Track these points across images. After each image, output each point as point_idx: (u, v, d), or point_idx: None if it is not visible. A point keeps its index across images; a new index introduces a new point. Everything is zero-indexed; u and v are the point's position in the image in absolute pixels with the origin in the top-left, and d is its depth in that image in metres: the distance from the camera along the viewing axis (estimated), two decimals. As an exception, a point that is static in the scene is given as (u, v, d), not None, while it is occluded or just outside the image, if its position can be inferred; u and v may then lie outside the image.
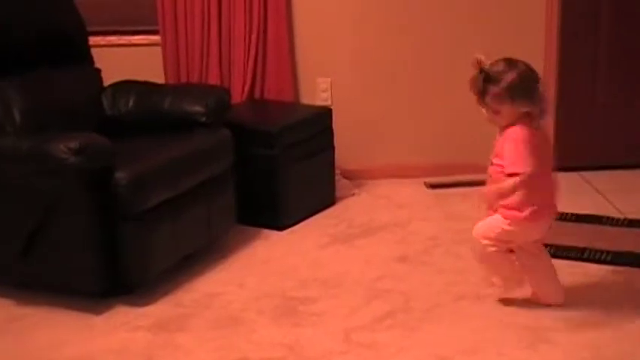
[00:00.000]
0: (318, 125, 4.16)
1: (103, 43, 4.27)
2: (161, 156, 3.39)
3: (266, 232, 3.88)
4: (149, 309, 3.20)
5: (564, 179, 4.53)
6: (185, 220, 3.43)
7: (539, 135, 2.93)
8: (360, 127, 4.50)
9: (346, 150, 4.35)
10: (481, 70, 2.89)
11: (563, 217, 3.95)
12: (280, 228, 3.91)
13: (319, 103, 4.43)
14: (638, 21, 4.54)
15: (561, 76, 4.54)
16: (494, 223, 2.97)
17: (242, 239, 3.78)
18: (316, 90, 4.48)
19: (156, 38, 4.34)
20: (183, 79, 4.32)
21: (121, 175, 3.14)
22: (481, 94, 2.90)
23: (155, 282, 3.31)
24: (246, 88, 4.32)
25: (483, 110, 2.93)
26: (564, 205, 4.08)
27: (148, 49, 4.36)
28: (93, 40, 4.00)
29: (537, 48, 4.46)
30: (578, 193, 4.35)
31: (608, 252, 3.54)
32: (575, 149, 4.62)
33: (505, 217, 2.95)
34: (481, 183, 4.34)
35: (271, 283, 3.39)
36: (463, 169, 4.48)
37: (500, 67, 2.89)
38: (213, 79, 4.29)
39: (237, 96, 4.29)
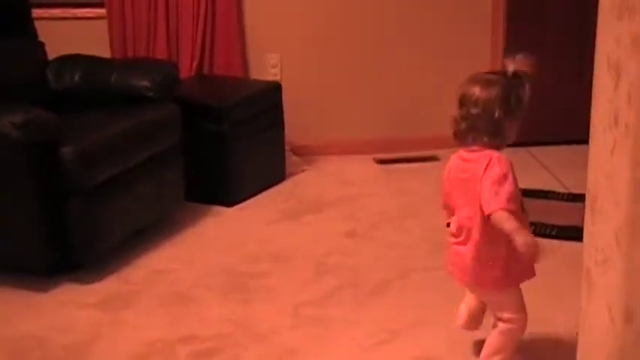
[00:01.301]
0: (267, 101, 4.13)
1: (46, 15, 4.17)
2: (108, 131, 3.34)
3: (216, 208, 3.86)
4: (97, 286, 3.16)
5: (513, 155, 4.60)
6: (133, 196, 3.40)
7: None
8: (310, 103, 4.49)
9: (296, 126, 4.34)
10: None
11: (510, 192, 4.00)
12: (230, 204, 3.89)
13: (269, 78, 4.40)
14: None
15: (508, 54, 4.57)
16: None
17: (192, 215, 3.76)
18: (266, 65, 4.45)
19: (101, 11, 4.26)
20: (130, 54, 4.25)
21: (66, 150, 3.09)
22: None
23: (103, 258, 3.27)
24: (195, 63, 4.27)
25: None
26: (512, 180, 4.16)
27: (93, 22, 4.28)
28: (36, 12, 3.92)
29: (485, 29, 4.50)
30: (525, 168, 4.39)
31: (553, 226, 3.60)
32: (523, 124, 4.66)
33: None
34: (429, 158, 4.42)
35: (221, 260, 3.37)
36: (412, 145, 4.51)
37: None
38: (161, 54, 4.23)
39: (186, 71, 4.24)
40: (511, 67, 2.50)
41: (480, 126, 2.40)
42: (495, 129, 2.41)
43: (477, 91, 2.41)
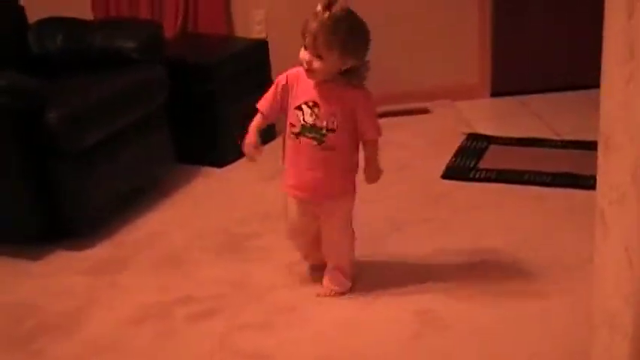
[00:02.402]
0: (254, 59, 4.07)
1: (24, -22, 4.07)
2: (93, 94, 3.28)
3: (206, 169, 3.82)
4: (89, 252, 3.13)
5: (504, 104, 4.58)
6: (122, 159, 3.35)
7: None
8: (297, 60, 4.41)
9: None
10: (328, 7, 2.55)
11: (505, 142, 3.98)
12: (220, 165, 3.85)
13: (254, 36, 4.32)
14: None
15: (496, 0, 4.51)
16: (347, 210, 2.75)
17: (182, 177, 3.71)
18: (251, 22, 4.37)
19: (81, -29, 4.17)
20: (112, 14, 4.17)
21: (51, 115, 3.03)
22: (315, 32, 2.53)
23: (94, 224, 3.24)
24: (179, 22, 4.20)
25: (304, 53, 2.59)
26: (505, 130, 4.12)
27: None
28: (14, -25, 3.83)
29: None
30: (517, 117, 4.38)
31: (547, 174, 3.58)
32: (513, 74, 4.63)
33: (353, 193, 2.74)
34: (420, 111, 4.38)
35: (213, 221, 3.34)
36: (402, 99, 4.46)
37: (344, 15, 2.58)
38: (144, 14, 4.15)
39: (170, 30, 4.15)
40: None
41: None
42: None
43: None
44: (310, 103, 2.63)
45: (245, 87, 3.95)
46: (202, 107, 3.84)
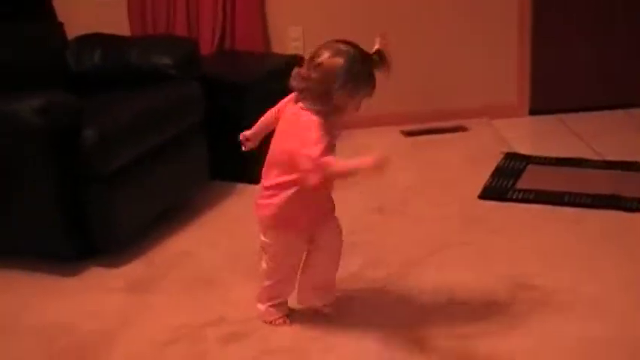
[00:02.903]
0: (290, 75, 4.04)
1: (64, -5, 4.11)
2: (129, 112, 3.28)
3: (240, 186, 3.80)
4: (123, 270, 3.13)
5: (542, 122, 4.52)
6: (156, 177, 3.35)
7: None
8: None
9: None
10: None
11: (543, 162, 3.91)
12: (255, 182, 3.82)
13: (291, 52, 4.31)
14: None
15: (536, 18, 4.45)
16: None
17: (215, 195, 3.70)
18: (287, 39, 4.36)
19: (120, -11, 4.19)
20: (149, 32, 4.18)
21: (88, 134, 3.03)
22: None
23: (128, 242, 3.23)
24: (216, 39, 4.20)
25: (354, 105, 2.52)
26: (544, 149, 4.06)
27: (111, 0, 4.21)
28: (54, -7, 3.87)
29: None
30: (556, 136, 4.31)
31: (587, 195, 3.51)
32: (552, 92, 4.57)
33: None
34: (457, 129, 4.33)
35: (246, 241, 3.29)
36: (439, 116, 4.42)
37: None
38: (181, 31, 4.16)
39: (207, 47, 4.16)
40: (377, 45, 2.52)
41: (316, 91, 2.45)
42: (325, 97, 2.44)
43: (324, 57, 2.45)
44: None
45: (281, 103, 3.94)
46: (236, 125, 3.81)
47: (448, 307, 2.76)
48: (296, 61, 4.09)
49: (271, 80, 3.94)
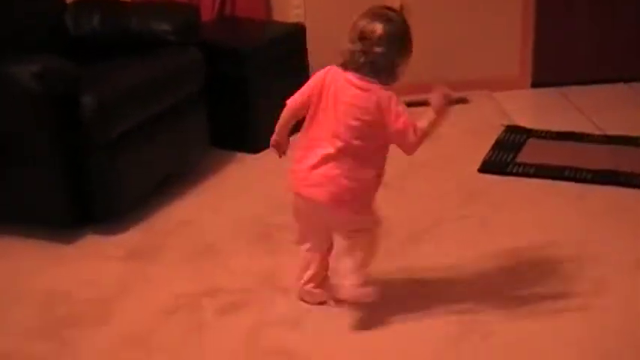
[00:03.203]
0: (291, 43, 4.01)
1: (63, -42, 4.04)
2: (129, 78, 3.25)
3: (241, 155, 3.78)
4: (122, 237, 3.12)
5: (544, 95, 4.49)
6: (156, 144, 3.33)
7: None
8: (334, 44, 4.34)
9: (322, 68, 4.20)
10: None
11: (544, 135, 3.89)
12: (255, 151, 3.81)
13: (292, 19, 4.27)
14: None
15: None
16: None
17: (216, 163, 3.69)
18: (289, 6, 4.31)
19: (120, -48, 4.12)
20: (150, -4, 4.12)
21: (87, 100, 3.01)
22: None
23: (127, 209, 3.22)
24: (217, 5, 4.15)
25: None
26: (545, 122, 4.03)
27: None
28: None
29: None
30: (557, 109, 4.29)
31: (588, 170, 3.49)
32: (554, 64, 4.53)
33: None
34: (459, 100, 4.28)
35: (246, 209, 3.31)
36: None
37: None
38: (182, -4, 4.10)
39: (207, 13, 4.11)
40: (397, 2, 2.45)
41: (380, 64, 2.40)
42: (392, 68, 2.43)
43: (379, 28, 2.39)
44: None
45: (281, 72, 3.91)
46: (237, 92, 3.80)
47: (448, 282, 2.76)
48: (297, 29, 4.06)
49: (272, 47, 3.91)
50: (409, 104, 2.63)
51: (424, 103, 2.55)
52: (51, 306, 2.72)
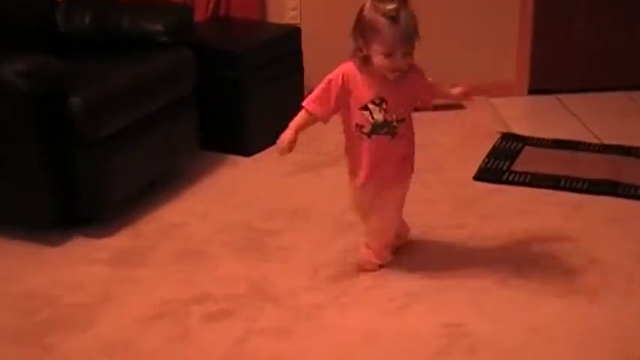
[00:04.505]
0: (286, 46, 3.95)
1: (55, -46, 3.98)
2: (119, 79, 3.18)
3: (231, 158, 3.72)
4: (108, 241, 3.05)
5: (541, 102, 4.44)
6: (145, 146, 3.26)
7: None
8: (330, 46, 4.27)
9: (316, 72, 4.09)
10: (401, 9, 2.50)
11: (540, 143, 3.84)
12: (246, 154, 3.75)
13: (287, 21, 4.21)
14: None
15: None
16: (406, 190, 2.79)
17: (206, 166, 3.62)
18: (284, 8, 4.25)
19: (113, -50, 4.05)
20: (144, -5, 4.06)
21: (75, 100, 2.94)
22: (405, 38, 2.48)
23: (115, 212, 3.16)
24: (211, 5, 4.08)
25: (397, 60, 2.50)
26: (541, 130, 3.98)
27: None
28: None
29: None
30: (554, 117, 4.24)
31: (584, 180, 3.44)
32: (552, 71, 4.48)
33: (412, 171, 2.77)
34: (454, 106, 4.23)
35: (236, 214, 3.24)
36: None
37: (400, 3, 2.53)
38: (176, -5, 4.04)
39: (201, 14, 4.05)
40: None
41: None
42: (354, 50, 2.63)
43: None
44: (377, 100, 2.57)
45: (275, 74, 3.85)
46: (229, 94, 3.73)
47: (437, 291, 2.70)
48: (293, 31, 4.00)
49: (266, 49, 3.85)
50: (415, 109, 2.68)
51: (435, 108, 2.61)
52: (35, 310, 2.65)
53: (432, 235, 3.04)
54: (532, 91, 4.49)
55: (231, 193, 3.44)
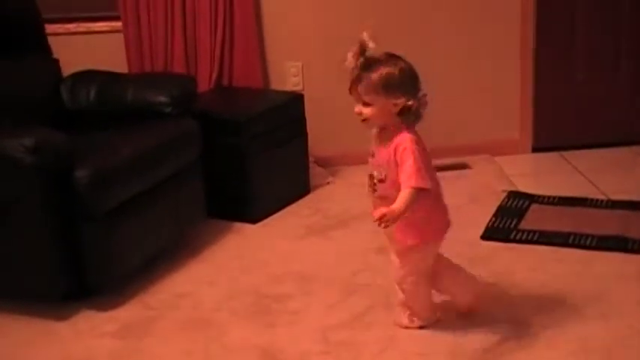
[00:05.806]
0: (289, 112, 3.99)
1: (61, 31, 4.06)
2: (124, 152, 3.19)
3: (238, 225, 3.72)
4: (116, 312, 3.03)
5: (545, 159, 4.45)
6: (151, 217, 3.27)
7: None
8: (333, 111, 4.32)
9: (320, 136, 4.19)
10: (362, 53, 2.52)
11: (547, 201, 3.83)
12: (253, 221, 3.75)
13: (290, 88, 4.26)
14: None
15: (538, 55, 4.40)
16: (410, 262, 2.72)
17: (213, 234, 3.62)
18: (286, 75, 4.31)
19: (117, 24, 4.13)
20: (148, 68, 4.12)
21: (81, 174, 2.95)
22: (355, 82, 2.52)
23: (122, 283, 3.14)
24: (214, 75, 4.14)
25: (356, 106, 2.56)
26: (547, 187, 3.98)
27: (108, 36, 4.15)
28: (50, 28, 3.83)
29: (513, 25, 4.34)
30: (559, 174, 4.24)
31: (593, 236, 3.42)
32: (555, 128, 4.50)
33: (416, 239, 2.66)
34: (460, 166, 4.25)
35: (244, 280, 3.23)
36: (441, 153, 4.34)
37: (382, 57, 2.53)
38: (179, 67, 4.10)
39: (205, 84, 4.10)
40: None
41: None
42: None
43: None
44: (371, 153, 2.60)
45: (279, 140, 3.88)
46: (234, 162, 3.75)
47: (448, 352, 2.66)
48: (295, 98, 4.04)
49: (269, 116, 3.89)
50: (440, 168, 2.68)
51: (440, 169, 2.57)
52: (41, 385, 2.63)
53: (442, 296, 3.01)
54: (536, 149, 4.51)
55: (239, 259, 3.43)
